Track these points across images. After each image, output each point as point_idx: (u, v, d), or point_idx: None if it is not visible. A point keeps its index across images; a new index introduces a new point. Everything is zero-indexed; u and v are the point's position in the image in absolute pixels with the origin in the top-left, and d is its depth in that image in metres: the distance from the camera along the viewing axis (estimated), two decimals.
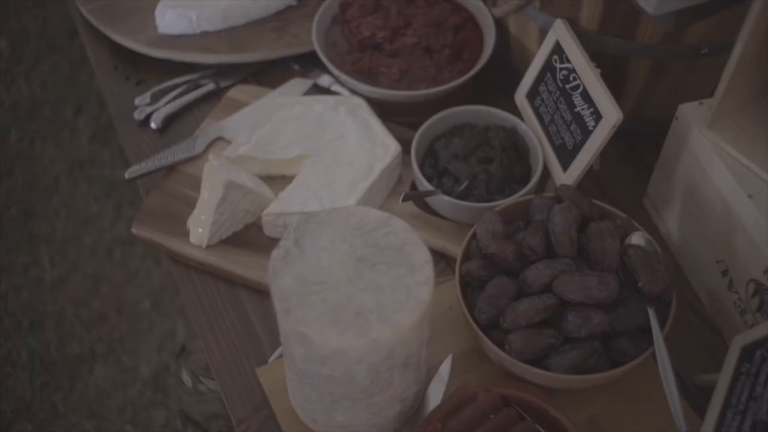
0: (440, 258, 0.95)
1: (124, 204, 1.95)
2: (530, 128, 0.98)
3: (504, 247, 0.81)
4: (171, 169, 1.02)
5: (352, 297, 0.67)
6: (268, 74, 1.15)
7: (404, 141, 1.01)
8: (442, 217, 0.96)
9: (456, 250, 0.94)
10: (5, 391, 1.72)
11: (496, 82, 1.08)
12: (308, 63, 1.14)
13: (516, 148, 0.97)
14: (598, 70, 0.89)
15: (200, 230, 0.94)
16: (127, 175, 1.01)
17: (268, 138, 0.99)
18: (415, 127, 1.05)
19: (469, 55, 1.06)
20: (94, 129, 2.07)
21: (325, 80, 1.11)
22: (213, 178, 0.92)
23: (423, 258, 0.70)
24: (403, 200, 0.91)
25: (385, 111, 1.04)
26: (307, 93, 1.10)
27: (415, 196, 0.94)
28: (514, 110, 1.03)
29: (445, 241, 0.94)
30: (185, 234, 0.95)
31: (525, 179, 0.96)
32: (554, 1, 0.94)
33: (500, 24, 1.07)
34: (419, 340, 0.72)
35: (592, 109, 0.88)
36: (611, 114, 0.86)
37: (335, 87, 1.09)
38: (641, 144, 1.03)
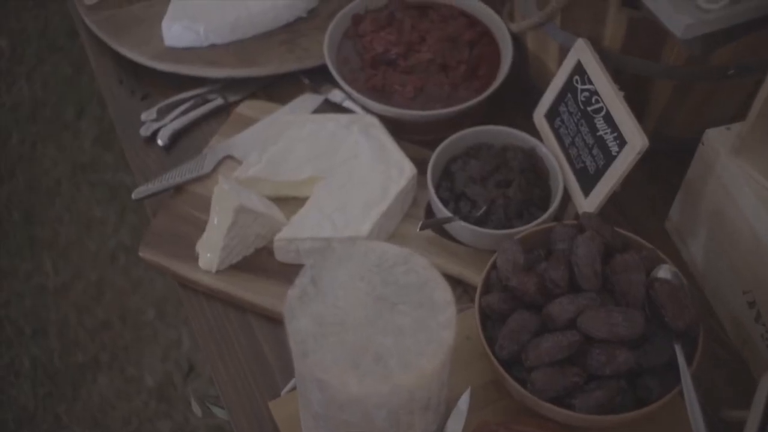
0: (457, 284, 0.92)
1: (128, 209, 1.92)
2: (549, 150, 0.95)
3: (526, 280, 0.78)
4: (179, 188, 0.99)
5: (371, 339, 0.65)
6: (277, 88, 1.12)
7: (418, 160, 0.98)
8: (458, 242, 0.93)
9: (473, 276, 0.91)
10: (8, 401, 1.70)
11: (513, 98, 1.05)
12: (319, 77, 1.11)
13: (535, 170, 0.95)
14: (622, 93, 0.86)
15: (209, 255, 0.91)
16: (134, 196, 0.99)
17: (279, 158, 0.97)
18: (428, 145, 1.02)
19: (486, 71, 1.02)
20: (97, 131, 2.04)
21: (336, 95, 1.08)
22: (223, 203, 0.89)
23: (445, 298, 0.67)
24: (421, 229, 0.89)
25: (398, 129, 1.01)
26: (318, 109, 1.07)
27: (433, 223, 0.91)
28: (531, 128, 1.00)
29: (462, 268, 0.92)
30: (194, 258, 0.93)
31: (544, 202, 0.93)
32: (576, 20, 0.90)
33: (517, 39, 1.04)
34: (440, 381, 0.70)
35: (615, 134, 0.86)
36: (636, 140, 0.83)
37: (347, 103, 1.06)
38: (663, 164, 1.00)
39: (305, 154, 0.97)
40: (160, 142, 1.06)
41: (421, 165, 0.97)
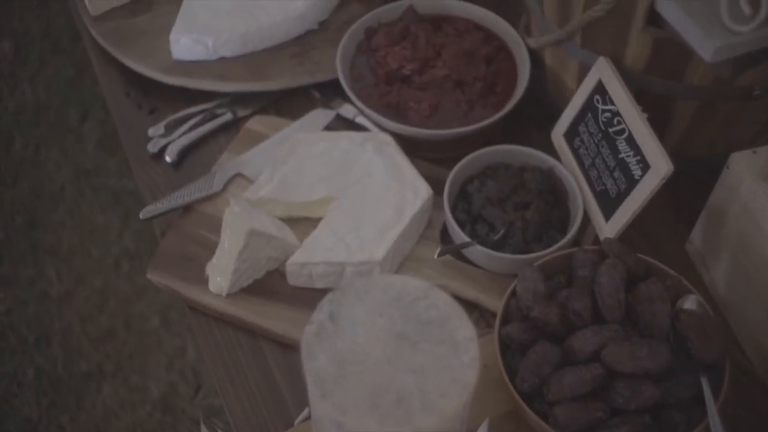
0: (473, 309, 0.90)
1: (131, 215, 1.90)
2: (569, 170, 0.93)
3: (547, 310, 0.76)
4: (187, 208, 0.97)
5: (392, 379, 0.62)
6: (287, 102, 1.09)
7: (432, 179, 0.96)
8: (475, 265, 0.91)
9: (490, 301, 0.89)
10: (11, 412, 1.68)
11: (530, 113, 1.02)
12: (330, 91, 1.08)
13: (553, 191, 0.92)
14: (645, 115, 0.84)
15: (220, 279, 0.89)
16: (141, 216, 0.96)
17: (291, 178, 0.94)
18: (443, 162, 1.00)
19: (503, 87, 1.00)
20: (100, 135, 2.01)
21: (348, 110, 1.06)
22: (234, 226, 0.87)
23: (467, 335, 0.65)
24: (439, 255, 0.86)
25: (412, 146, 0.98)
26: (330, 124, 1.04)
27: (451, 250, 0.88)
28: (548, 144, 0.98)
29: (479, 292, 0.89)
30: (204, 281, 0.90)
31: (563, 224, 0.91)
32: (597, 38, 0.88)
33: (535, 53, 1.01)
34: (462, 420, 0.68)
35: (638, 157, 0.83)
36: (661, 165, 0.80)
37: (359, 119, 1.04)
38: (683, 183, 0.97)
39: (318, 173, 0.94)
40: (168, 158, 1.03)
41: (435, 184, 0.95)
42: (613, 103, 0.87)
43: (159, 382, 1.69)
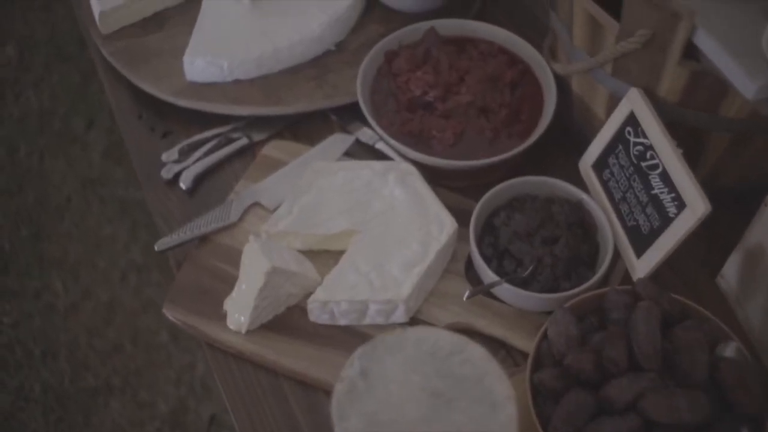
0: (500, 347, 0.87)
1: (138, 226, 1.87)
2: (597, 203, 0.90)
3: (582, 357, 0.73)
4: (204, 238, 0.94)
5: None
6: (304, 126, 1.06)
7: (455, 209, 0.93)
8: (501, 300, 0.88)
9: (518, 339, 0.86)
10: (18, 427, 1.66)
11: (555, 139, 0.99)
12: (348, 114, 1.05)
13: (582, 225, 0.89)
14: (680, 150, 0.81)
15: (238, 316, 0.86)
16: (156, 248, 0.94)
17: (311, 210, 0.91)
18: (466, 191, 0.97)
19: (528, 114, 0.97)
20: (107, 144, 1.98)
21: (367, 135, 1.03)
22: (254, 263, 0.84)
23: (505, 393, 0.62)
24: (468, 297, 0.84)
25: (434, 175, 0.95)
26: (349, 150, 1.02)
27: (480, 291, 0.86)
28: (574, 172, 0.95)
29: (506, 330, 0.87)
30: (222, 317, 0.88)
31: (592, 259, 0.89)
32: (629, 69, 0.85)
33: (560, 78, 0.98)
34: None
35: (673, 195, 0.80)
36: (698, 205, 0.77)
37: (379, 144, 1.01)
38: (713, 213, 0.95)
39: (339, 205, 0.91)
40: (183, 185, 1.01)
41: (459, 214, 0.93)
42: (645, 137, 0.84)
43: (168, 398, 1.66)
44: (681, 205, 0.79)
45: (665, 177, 0.81)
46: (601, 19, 0.83)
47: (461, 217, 0.92)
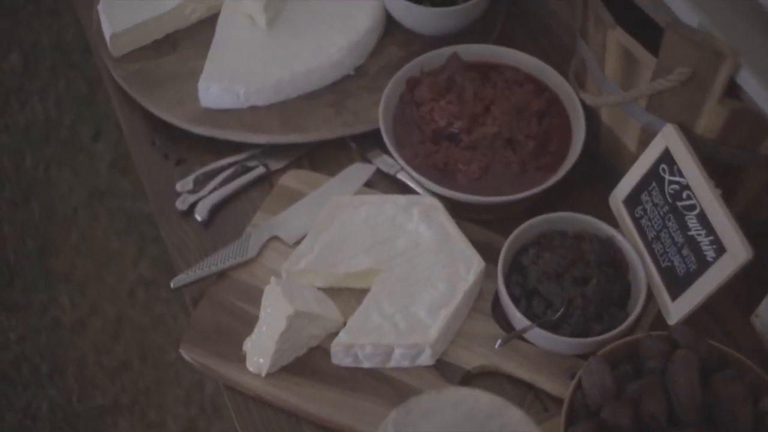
0: (528, 390, 0.85)
1: (147, 240, 1.84)
2: (628, 240, 0.87)
3: (619, 411, 0.70)
4: (221, 274, 0.91)
5: None
6: (322, 153, 1.03)
7: (481, 243, 0.90)
8: (527, 341, 0.85)
9: (546, 383, 0.83)
10: None
11: (582, 170, 0.96)
12: (367, 141, 1.02)
13: (613, 263, 0.86)
14: (719, 191, 0.78)
15: (258, 359, 0.83)
16: (173, 285, 0.91)
17: (333, 247, 0.88)
18: (490, 225, 0.94)
19: (556, 146, 0.94)
20: (114, 155, 1.95)
21: (387, 163, 1.00)
22: (275, 305, 0.81)
23: None
24: (500, 345, 0.81)
25: (458, 208, 0.92)
26: (370, 179, 0.98)
27: (512, 338, 0.83)
28: (601, 205, 0.92)
29: (534, 373, 0.84)
30: (241, 358, 0.85)
31: (623, 299, 0.85)
32: (665, 104, 0.82)
33: (588, 107, 0.95)
34: None
35: (711, 238, 0.77)
36: (738, 250, 0.74)
37: (401, 174, 0.98)
38: None
39: (361, 242, 0.88)
40: (198, 217, 0.98)
41: (485, 249, 0.90)
42: (682, 175, 0.81)
43: (177, 418, 1.64)
44: (720, 250, 0.76)
45: (703, 219, 0.78)
46: (638, 54, 0.80)
47: (486, 251, 0.89)
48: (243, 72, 1.02)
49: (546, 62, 1.01)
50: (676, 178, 0.81)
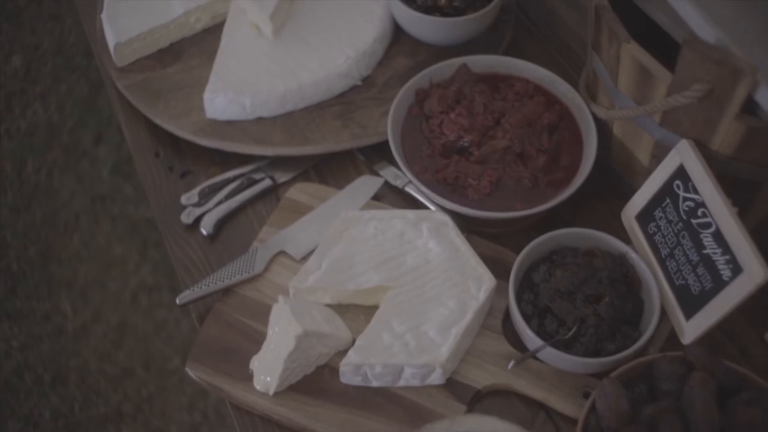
0: (539, 409, 0.83)
1: (149, 245, 1.83)
2: (641, 256, 0.85)
3: None
4: (227, 290, 0.90)
5: None
6: (329, 164, 1.02)
7: (490, 258, 0.89)
8: (539, 359, 0.84)
9: (558, 402, 0.82)
10: None
11: (592, 182, 0.94)
12: (374, 153, 1.01)
13: (626, 280, 0.85)
14: (736, 209, 0.77)
15: (266, 377, 0.82)
16: (178, 301, 0.89)
17: (341, 263, 0.87)
18: (501, 238, 0.93)
19: (568, 160, 0.92)
20: (116, 160, 1.93)
21: (394, 174, 0.98)
22: (284, 325, 0.80)
23: None
24: (513, 367, 0.79)
25: (469, 222, 0.91)
26: (378, 193, 0.97)
27: (525, 358, 0.81)
28: (612, 219, 0.91)
29: (546, 392, 0.82)
30: (248, 376, 0.84)
31: (636, 316, 0.84)
32: (680, 120, 0.80)
33: (599, 119, 0.93)
34: None
35: (727, 257, 0.76)
36: (755, 271, 0.73)
37: (409, 187, 0.97)
38: None
39: (370, 258, 0.87)
40: (203, 231, 0.96)
41: (494, 264, 0.88)
42: (697, 192, 0.79)
43: (181, 426, 1.63)
44: (736, 269, 0.75)
45: (719, 237, 0.77)
46: (653, 69, 0.78)
47: (496, 267, 0.88)
48: (249, 83, 1.01)
49: (555, 71, 1.00)
50: (691, 195, 0.80)
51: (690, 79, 0.75)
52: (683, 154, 0.81)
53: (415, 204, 0.97)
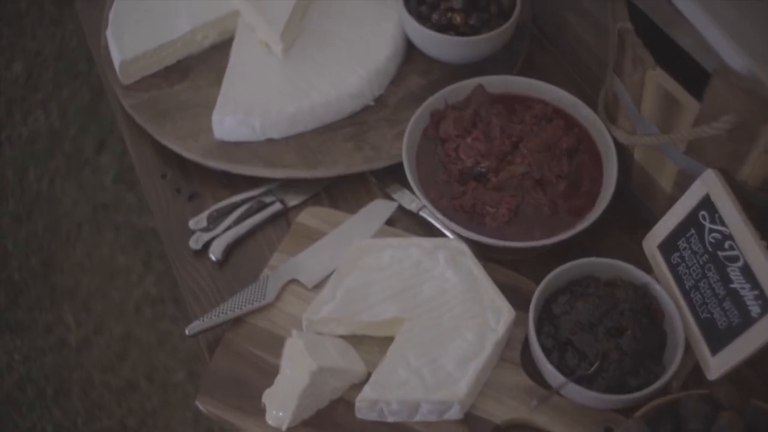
0: None
1: (153, 256, 1.80)
2: (664, 287, 0.83)
3: None
4: (238, 320, 0.87)
5: None
6: (341, 187, 0.99)
7: (508, 286, 0.87)
8: (560, 394, 0.82)
9: None
10: None
11: (612, 207, 0.91)
12: (387, 175, 0.98)
13: (649, 312, 0.83)
14: (764, 243, 0.74)
15: (278, 412, 0.80)
16: (188, 332, 0.87)
17: (356, 294, 0.85)
18: (519, 265, 0.90)
19: (588, 186, 0.90)
20: (118, 168, 1.91)
21: (408, 198, 0.96)
22: (297, 360, 0.78)
23: None
24: (535, 407, 0.77)
25: (484, 249, 0.89)
26: (391, 217, 0.95)
27: (548, 396, 0.79)
28: (631, 246, 0.89)
29: (567, 426, 0.80)
30: (260, 410, 0.81)
31: (659, 350, 0.82)
32: (706, 149, 0.78)
33: (620, 143, 0.91)
34: None
35: (756, 292, 0.73)
36: None
37: (424, 212, 0.94)
38: None
39: (386, 288, 0.85)
40: (212, 257, 0.94)
41: (512, 292, 0.86)
42: (724, 224, 0.77)
43: None
44: (766, 306, 0.73)
45: (747, 272, 0.74)
46: (679, 97, 0.76)
47: (513, 295, 0.86)
48: (259, 104, 0.98)
49: (571, 88, 0.97)
50: (718, 227, 0.78)
51: (719, 109, 0.72)
52: (709, 185, 0.78)
53: (429, 228, 0.94)
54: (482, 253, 0.89)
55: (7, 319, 1.81)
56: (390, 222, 0.95)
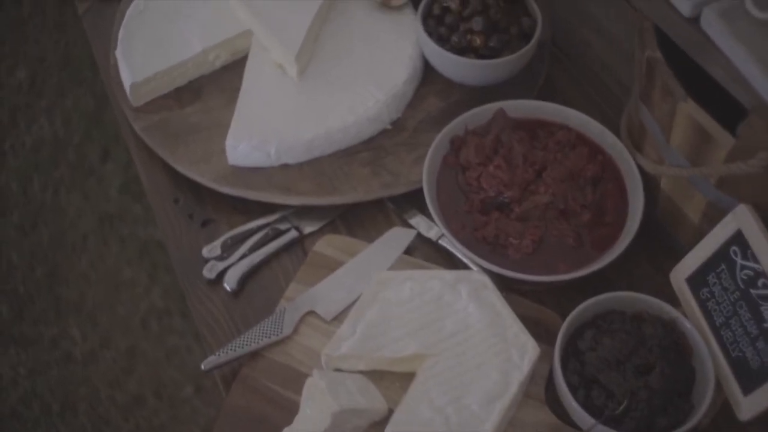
0: None
1: (159, 268, 1.78)
2: (692, 322, 0.81)
3: None
4: (254, 354, 0.85)
5: None
6: (357, 214, 0.97)
7: (531, 319, 0.85)
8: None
9: None
10: None
11: (637, 237, 0.88)
12: (405, 201, 0.96)
13: (677, 348, 0.80)
14: None
15: None
16: (204, 367, 0.85)
17: (376, 329, 0.82)
18: (539, 297, 0.88)
19: (613, 216, 0.88)
20: (124, 178, 1.88)
21: (426, 225, 0.94)
22: (318, 401, 0.76)
23: None
24: None
25: (507, 280, 0.86)
26: (409, 245, 0.92)
27: None
28: (656, 275, 0.87)
29: None
30: None
31: (688, 386, 0.80)
32: (739, 185, 0.76)
33: (647, 173, 0.88)
34: None
35: None
36: None
37: (443, 241, 0.92)
38: None
39: (407, 323, 0.82)
40: (227, 287, 0.92)
41: (533, 325, 0.84)
42: (757, 261, 0.75)
43: None
44: None
45: None
46: (712, 131, 0.73)
47: (536, 328, 0.84)
48: (274, 129, 0.96)
49: (592, 111, 0.95)
50: (750, 264, 0.75)
51: (755, 146, 0.70)
52: (741, 220, 0.76)
53: (449, 256, 0.92)
54: (504, 284, 0.86)
55: (11, 332, 1.79)
56: (408, 251, 0.92)
